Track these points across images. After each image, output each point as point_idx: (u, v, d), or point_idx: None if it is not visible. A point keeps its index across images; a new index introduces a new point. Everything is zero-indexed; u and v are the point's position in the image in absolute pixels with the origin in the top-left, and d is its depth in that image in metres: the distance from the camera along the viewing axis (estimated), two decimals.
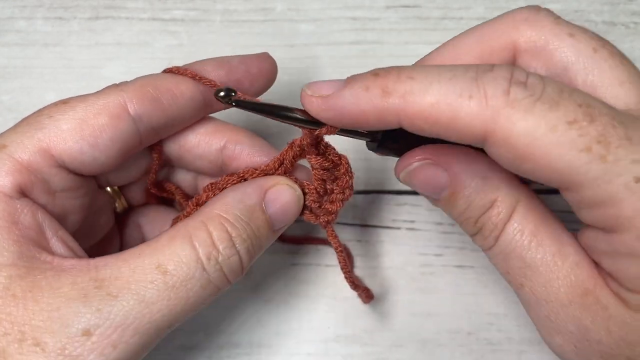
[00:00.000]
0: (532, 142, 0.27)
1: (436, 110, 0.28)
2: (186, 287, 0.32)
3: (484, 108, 0.28)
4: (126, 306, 0.31)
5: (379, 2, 0.54)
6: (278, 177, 0.37)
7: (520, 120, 0.27)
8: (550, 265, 0.32)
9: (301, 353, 0.48)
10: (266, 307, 0.49)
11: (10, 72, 0.53)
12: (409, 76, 0.29)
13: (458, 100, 0.28)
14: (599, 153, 0.27)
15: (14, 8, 0.54)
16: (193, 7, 0.54)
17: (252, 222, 0.35)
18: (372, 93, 0.29)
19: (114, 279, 0.31)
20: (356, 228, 0.51)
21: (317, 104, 0.31)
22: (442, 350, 0.48)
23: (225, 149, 0.39)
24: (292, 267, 0.50)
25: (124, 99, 0.35)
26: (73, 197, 0.36)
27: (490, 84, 0.28)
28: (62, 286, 0.31)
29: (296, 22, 0.54)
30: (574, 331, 0.32)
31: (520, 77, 0.28)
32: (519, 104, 0.27)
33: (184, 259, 0.32)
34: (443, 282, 0.49)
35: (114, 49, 0.54)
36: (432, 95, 0.28)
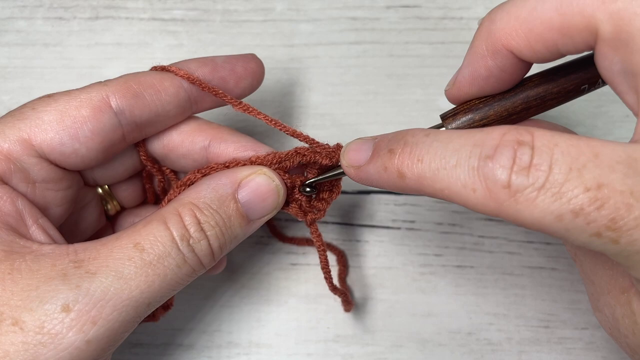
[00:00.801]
0: (542, 228, 0.27)
1: (448, 195, 0.29)
2: (163, 265, 0.33)
3: (488, 200, 0.28)
4: (104, 282, 0.31)
5: (379, 2, 0.54)
6: (257, 167, 0.37)
7: (526, 212, 0.27)
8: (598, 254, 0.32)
9: (301, 353, 0.48)
10: (266, 307, 0.49)
11: (10, 72, 0.53)
12: (419, 159, 0.30)
13: (464, 191, 0.28)
14: (609, 237, 0.26)
15: (14, 8, 0.54)
16: (193, 7, 0.54)
17: (222, 211, 0.35)
18: (390, 174, 0.31)
19: (92, 259, 0.32)
20: (356, 228, 0.51)
21: (353, 174, 0.35)
22: (442, 350, 0.48)
23: (210, 147, 0.39)
24: (292, 267, 0.50)
25: (106, 93, 0.36)
26: (55, 188, 0.36)
27: (491, 178, 0.27)
28: (41, 268, 0.31)
29: (296, 22, 0.54)
30: (609, 317, 0.33)
31: (524, 162, 0.27)
32: (521, 195, 0.27)
33: (159, 238, 0.33)
34: (443, 282, 0.49)
35: (114, 49, 0.54)
36: (441, 182, 0.29)
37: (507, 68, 0.34)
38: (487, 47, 0.34)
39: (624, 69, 0.30)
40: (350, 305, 0.46)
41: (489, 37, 0.33)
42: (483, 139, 0.28)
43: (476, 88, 0.35)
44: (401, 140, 0.31)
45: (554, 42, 0.31)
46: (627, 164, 0.26)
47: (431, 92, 0.53)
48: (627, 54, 0.29)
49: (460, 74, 0.36)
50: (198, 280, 0.49)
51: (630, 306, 0.31)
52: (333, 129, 0.52)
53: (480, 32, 0.34)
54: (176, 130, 0.40)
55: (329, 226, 0.51)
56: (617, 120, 0.52)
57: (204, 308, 0.49)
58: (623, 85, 0.30)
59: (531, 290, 0.49)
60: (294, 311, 0.49)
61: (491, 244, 0.50)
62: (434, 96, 0.52)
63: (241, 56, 0.41)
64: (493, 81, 0.35)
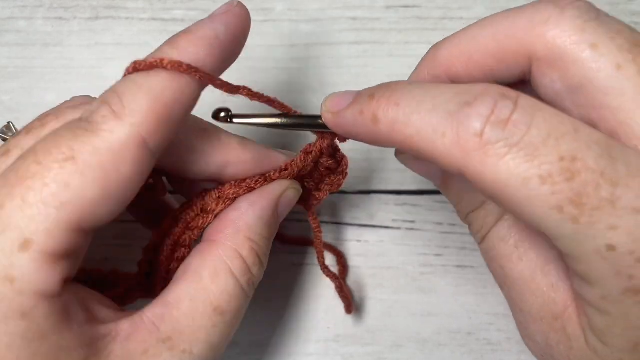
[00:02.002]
0: (503, 190, 0.26)
1: (417, 141, 0.28)
2: (238, 319, 0.35)
3: (456, 148, 0.26)
4: (202, 357, 0.33)
5: (379, 2, 0.54)
6: (283, 181, 0.38)
7: (491, 167, 0.26)
8: (528, 281, 0.32)
9: (301, 353, 0.48)
10: (266, 307, 0.49)
11: (10, 72, 0.53)
12: (396, 102, 0.29)
13: (434, 136, 0.27)
14: (570, 214, 0.25)
15: (13, 8, 0.54)
16: (193, 7, 0.54)
17: (271, 235, 0.37)
18: (365, 118, 0.30)
19: (179, 334, 0.32)
20: (356, 228, 0.51)
21: (327, 119, 0.34)
22: (442, 350, 0.48)
23: (228, 168, 0.36)
24: (292, 267, 0.50)
25: (139, 134, 0.29)
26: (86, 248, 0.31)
27: (464, 123, 0.26)
28: (134, 355, 0.30)
29: (296, 22, 0.54)
30: (541, 344, 0.32)
31: (503, 114, 0.26)
32: (491, 149, 0.25)
33: (233, 294, 0.34)
34: (443, 282, 0.49)
35: (114, 49, 0.54)
36: (412, 127, 0.28)
37: None
38: (429, 71, 0.35)
39: (564, 86, 0.30)
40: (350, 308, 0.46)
41: (432, 63, 0.34)
42: (467, 88, 0.28)
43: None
44: (384, 86, 0.31)
45: (490, 68, 0.32)
46: (604, 147, 0.26)
47: None
48: (564, 68, 0.30)
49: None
50: None
51: (565, 331, 0.30)
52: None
53: (425, 58, 0.35)
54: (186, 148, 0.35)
55: (328, 226, 0.51)
56: None
57: None
58: (566, 102, 0.30)
59: None
60: (294, 311, 0.49)
61: None
62: None
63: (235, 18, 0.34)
64: None
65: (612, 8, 0.54)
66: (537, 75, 0.31)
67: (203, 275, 0.33)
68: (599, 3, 0.31)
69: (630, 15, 0.54)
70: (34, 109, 0.36)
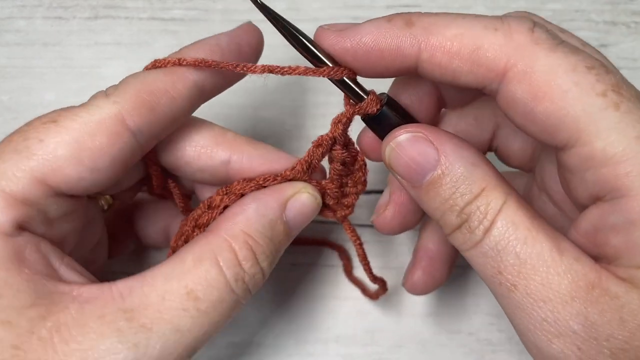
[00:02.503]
0: (552, 79, 0.28)
1: (459, 41, 0.29)
2: (217, 311, 0.32)
3: (508, 40, 0.28)
4: (162, 338, 0.30)
5: (379, 2, 0.54)
6: (298, 183, 0.36)
7: (544, 57, 0.28)
8: (549, 260, 0.29)
9: (301, 353, 0.48)
10: (266, 307, 0.49)
11: (10, 72, 0.53)
12: (433, 14, 0.30)
13: (483, 32, 0.29)
14: (613, 100, 0.27)
15: (13, 8, 0.54)
16: (193, 7, 0.54)
17: (274, 237, 0.34)
18: (395, 24, 0.30)
19: (143, 307, 0.30)
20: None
21: (333, 37, 0.31)
22: (442, 351, 0.48)
23: (232, 164, 0.36)
24: (292, 267, 0.50)
25: (120, 112, 0.32)
26: (71, 220, 0.34)
27: (516, 21, 0.29)
28: (89, 321, 0.29)
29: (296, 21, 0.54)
30: (579, 331, 0.29)
31: (544, 23, 0.30)
32: (543, 42, 0.28)
33: (213, 283, 0.31)
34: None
35: (113, 48, 0.53)
36: (457, 27, 0.29)
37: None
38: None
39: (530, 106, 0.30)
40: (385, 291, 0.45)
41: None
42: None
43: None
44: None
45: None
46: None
47: None
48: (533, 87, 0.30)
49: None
50: None
51: (609, 293, 0.28)
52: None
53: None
54: (189, 143, 0.36)
55: (328, 226, 0.51)
56: None
57: None
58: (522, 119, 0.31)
59: None
60: (294, 311, 0.49)
61: None
62: None
63: (243, 32, 0.38)
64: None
65: (613, 8, 0.53)
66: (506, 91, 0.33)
67: (186, 259, 0.32)
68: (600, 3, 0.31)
69: (631, 14, 0.54)
70: (33, 109, 0.36)
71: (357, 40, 0.30)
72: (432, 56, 0.30)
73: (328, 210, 0.39)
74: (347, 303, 0.49)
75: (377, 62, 0.31)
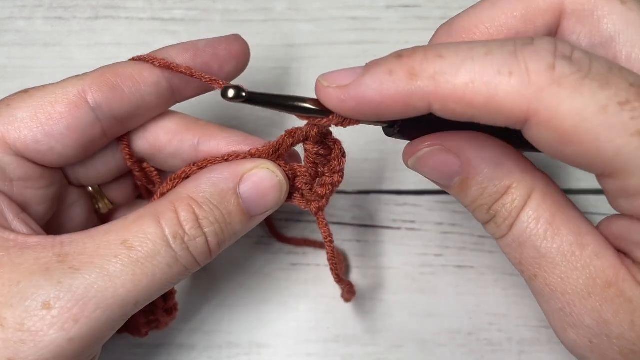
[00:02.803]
0: (579, 124, 0.25)
1: (471, 90, 0.26)
2: (152, 263, 0.32)
3: (526, 86, 0.25)
4: (88, 279, 0.30)
5: (379, 2, 0.54)
6: (259, 160, 0.36)
7: (568, 99, 0.25)
8: (568, 255, 0.30)
9: (301, 353, 0.48)
10: (266, 307, 0.49)
11: (10, 72, 0.53)
12: (438, 55, 0.26)
13: (497, 78, 0.25)
14: None
15: (13, 8, 0.54)
16: (193, 7, 0.54)
17: (222, 206, 0.34)
18: (397, 76, 0.27)
19: (78, 253, 0.31)
20: (356, 228, 0.51)
21: (336, 95, 0.29)
22: (442, 351, 0.48)
23: (200, 145, 0.38)
24: (292, 267, 0.50)
25: (82, 87, 0.35)
26: (34, 186, 0.36)
27: (533, 59, 0.25)
28: (25, 262, 0.31)
29: (296, 21, 0.54)
30: (592, 325, 0.30)
31: (565, 51, 0.26)
32: (566, 81, 0.25)
33: (149, 236, 0.32)
34: (443, 282, 0.49)
35: (113, 48, 0.54)
36: (466, 73, 0.26)
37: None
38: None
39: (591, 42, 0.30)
40: (353, 295, 0.45)
41: (449, 34, 0.33)
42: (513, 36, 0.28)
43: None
44: (411, 48, 0.28)
45: (516, 31, 0.31)
46: None
47: None
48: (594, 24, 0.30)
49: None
50: (198, 280, 0.49)
51: (624, 295, 0.29)
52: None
53: (439, 32, 0.34)
54: (162, 128, 0.38)
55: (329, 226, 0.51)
56: None
57: (204, 308, 0.49)
58: None
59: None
60: (294, 311, 0.49)
61: (492, 244, 0.50)
62: None
63: (224, 39, 0.39)
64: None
65: None
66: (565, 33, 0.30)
67: (129, 217, 0.33)
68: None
69: None
70: None
71: (361, 98, 0.28)
72: (445, 106, 0.27)
73: (301, 200, 0.37)
74: (347, 303, 0.49)
75: (385, 115, 0.29)
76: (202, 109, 0.50)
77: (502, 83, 0.25)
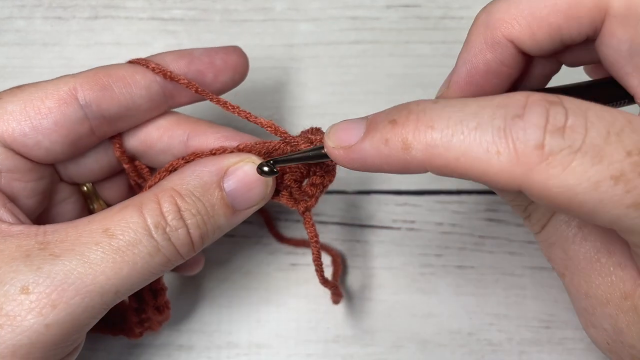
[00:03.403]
0: (573, 198, 0.24)
1: (462, 164, 0.26)
2: (133, 252, 0.32)
3: (514, 166, 0.25)
4: (67, 265, 0.30)
5: (379, 2, 0.54)
6: (244, 154, 0.36)
7: (558, 178, 0.24)
8: (593, 261, 0.31)
9: (301, 353, 0.48)
10: (266, 307, 0.49)
11: (9, 72, 0.53)
12: (429, 125, 0.27)
13: (485, 156, 0.25)
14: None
15: (12, 7, 0.54)
16: (192, 7, 0.54)
17: (205, 199, 0.34)
18: (393, 147, 0.27)
19: (59, 241, 0.31)
20: (356, 228, 0.51)
21: (341, 156, 0.30)
22: (442, 351, 0.48)
23: (189, 141, 0.38)
24: (292, 267, 0.50)
25: (74, 84, 0.35)
26: (22, 179, 0.36)
27: (521, 138, 0.25)
28: (6, 248, 0.31)
29: (296, 21, 0.54)
30: (609, 330, 0.31)
31: (558, 121, 0.24)
32: (555, 159, 0.24)
33: (131, 225, 0.32)
34: (443, 283, 0.49)
35: (113, 48, 0.53)
36: (456, 149, 0.26)
37: (508, 61, 0.32)
38: (486, 39, 0.32)
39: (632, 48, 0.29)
40: (339, 297, 0.45)
41: (487, 28, 0.32)
42: (506, 100, 0.26)
43: (474, 87, 0.33)
44: (404, 110, 0.28)
45: (558, 26, 0.30)
46: None
47: (431, 92, 0.52)
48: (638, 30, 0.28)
49: (455, 73, 0.34)
50: (197, 281, 0.49)
51: (637, 311, 0.29)
52: None
53: (477, 26, 0.32)
54: (153, 125, 0.39)
55: (329, 226, 0.51)
56: None
57: (204, 308, 0.49)
58: (628, 66, 0.29)
59: (532, 291, 0.49)
60: (294, 311, 0.49)
61: (492, 244, 0.50)
62: (434, 96, 0.52)
63: (221, 48, 0.39)
64: (492, 77, 0.33)
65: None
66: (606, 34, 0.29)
67: (114, 208, 0.33)
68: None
69: None
70: None
71: (363, 161, 0.29)
72: (441, 172, 0.27)
73: (289, 198, 0.37)
74: (347, 303, 0.49)
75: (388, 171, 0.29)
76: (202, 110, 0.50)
77: (492, 162, 0.25)
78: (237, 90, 0.41)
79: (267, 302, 0.49)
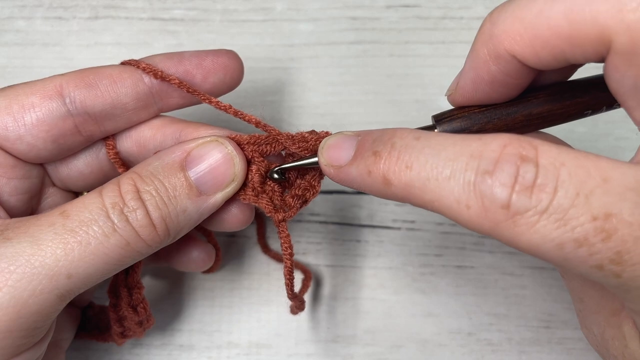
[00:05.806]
0: (540, 254, 0.25)
1: (437, 207, 0.27)
2: (86, 232, 0.31)
3: (483, 219, 0.25)
4: (16, 247, 0.30)
5: (379, 2, 0.54)
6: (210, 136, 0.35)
7: (523, 236, 0.25)
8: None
9: (301, 353, 0.48)
10: (266, 307, 0.49)
11: (10, 72, 0.53)
12: (407, 165, 0.28)
13: (456, 206, 0.26)
14: (612, 271, 0.24)
15: (13, 8, 0.54)
16: (193, 7, 0.54)
17: (166, 180, 0.33)
18: (375, 180, 0.29)
19: (17, 227, 0.31)
20: (356, 228, 0.51)
21: (332, 174, 0.32)
22: (442, 351, 0.48)
23: (181, 138, 0.38)
24: None
25: (61, 82, 0.36)
26: (5, 175, 0.36)
27: (488, 195, 0.25)
28: None
29: (296, 21, 0.54)
30: (597, 336, 0.32)
31: (527, 181, 0.25)
32: (521, 218, 0.25)
33: (87, 206, 0.32)
34: (443, 283, 0.49)
35: (113, 48, 0.53)
36: (431, 194, 0.27)
37: (512, 73, 0.31)
38: (489, 51, 0.31)
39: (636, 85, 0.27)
40: (300, 310, 0.44)
41: (491, 40, 0.31)
42: (481, 150, 0.26)
43: (481, 94, 0.33)
44: (388, 142, 0.29)
45: (561, 50, 0.28)
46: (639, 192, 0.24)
47: (431, 92, 0.52)
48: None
49: (462, 78, 0.33)
50: (198, 281, 0.49)
51: (621, 329, 0.30)
52: (333, 129, 0.51)
53: (481, 35, 0.31)
54: (146, 124, 0.39)
55: (329, 226, 0.51)
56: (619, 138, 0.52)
57: (204, 308, 0.49)
58: (632, 100, 0.28)
59: (532, 291, 0.49)
60: None
61: (492, 244, 0.50)
62: (434, 96, 0.52)
63: (212, 50, 0.39)
64: (498, 86, 0.32)
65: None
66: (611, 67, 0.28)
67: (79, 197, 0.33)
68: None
69: None
70: None
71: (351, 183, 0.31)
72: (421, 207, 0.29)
73: (269, 203, 0.36)
74: (348, 303, 0.49)
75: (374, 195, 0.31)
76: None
77: (462, 213, 0.26)
78: (237, 89, 0.42)
79: (268, 302, 0.49)
